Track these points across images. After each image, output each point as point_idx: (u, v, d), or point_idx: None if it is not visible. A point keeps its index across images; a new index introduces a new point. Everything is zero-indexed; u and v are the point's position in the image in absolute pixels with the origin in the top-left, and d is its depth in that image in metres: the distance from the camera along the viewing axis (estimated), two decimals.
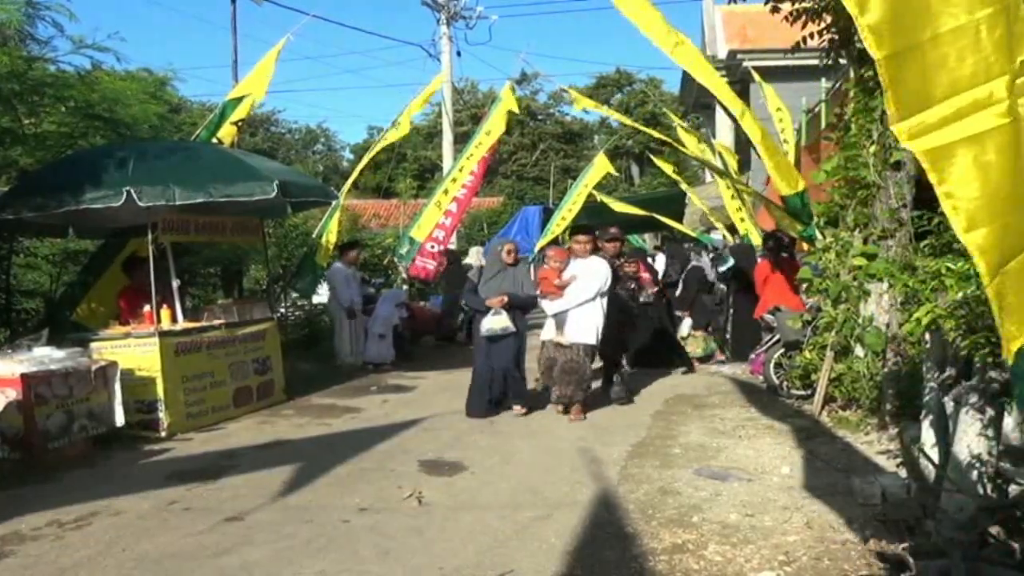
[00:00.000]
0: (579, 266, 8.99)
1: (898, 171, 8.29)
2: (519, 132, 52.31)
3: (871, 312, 8.38)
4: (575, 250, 9.12)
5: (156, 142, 10.62)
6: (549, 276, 9.00)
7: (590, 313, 8.87)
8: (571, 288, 8.88)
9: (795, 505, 5.84)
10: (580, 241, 9.12)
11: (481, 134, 13.63)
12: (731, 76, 22.75)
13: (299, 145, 57.58)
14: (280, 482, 6.70)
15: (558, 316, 8.93)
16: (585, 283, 8.87)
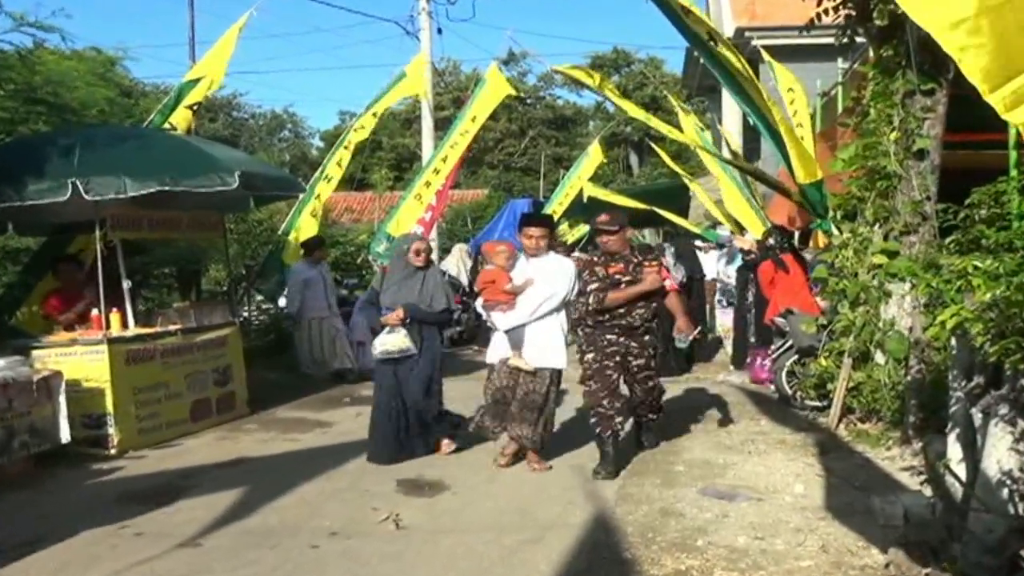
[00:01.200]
0: (535, 267, 7.57)
1: (921, 160, 8.33)
2: (506, 118, 52.30)
3: (892, 315, 8.41)
4: (525, 246, 7.63)
5: (105, 129, 10.58)
6: (496, 280, 7.59)
7: (554, 329, 7.56)
8: (526, 296, 7.50)
9: (809, 527, 5.85)
10: (531, 235, 7.56)
11: (466, 120, 13.63)
12: None
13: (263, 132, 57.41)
14: (242, 504, 6.69)
15: (512, 333, 7.54)
16: (545, 289, 7.47)
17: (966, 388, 5.63)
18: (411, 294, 7.92)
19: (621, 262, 7.52)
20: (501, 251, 7.74)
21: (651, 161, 48.67)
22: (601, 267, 7.54)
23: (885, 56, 8.48)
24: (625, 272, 7.49)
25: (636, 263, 7.52)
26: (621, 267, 7.49)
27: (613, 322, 7.44)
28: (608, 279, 7.47)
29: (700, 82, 28.20)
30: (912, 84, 8.24)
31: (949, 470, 5.65)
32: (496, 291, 7.60)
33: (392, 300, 7.91)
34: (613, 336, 7.48)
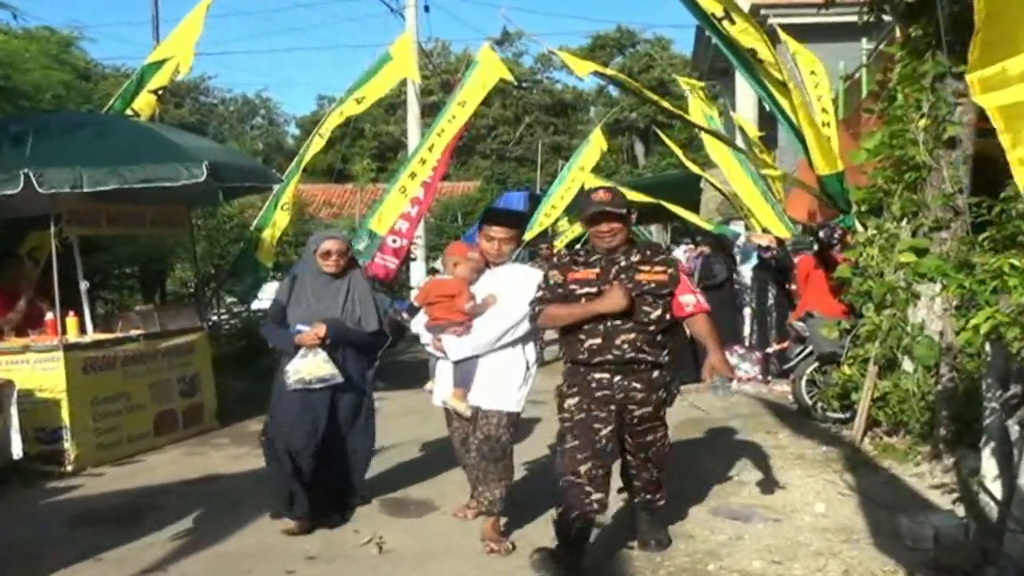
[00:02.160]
0: (501, 279, 6.21)
1: (953, 149, 8.35)
2: (500, 103, 52.30)
3: (921, 318, 8.43)
4: (485, 249, 6.27)
5: (60, 115, 10.57)
6: (457, 296, 6.31)
7: (514, 362, 6.24)
8: (488, 318, 6.19)
9: (831, 550, 5.87)
10: (494, 236, 6.20)
11: (454, 105, 13.62)
12: None
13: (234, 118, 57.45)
14: (212, 526, 6.68)
15: (463, 364, 6.26)
16: (513, 309, 6.09)
17: (1002, 398, 5.64)
18: (331, 307, 6.61)
19: (599, 266, 5.54)
20: (470, 259, 6.39)
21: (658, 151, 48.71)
22: (561, 270, 5.64)
23: (913, 36, 8.50)
24: (600, 279, 5.47)
25: (626, 267, 5.51)
26: (594, 273, 5.52)
27: (598, 356, 5.47)
28: (562, 288, 5.56)
29: (711, 64, 28.23)
30: (943, 66, 8.25)
31: (983, 487, 5.66)
32: (451, 309, 6.30)
33: (305, 315, 6.56)
34: (604, 375, 5.51)
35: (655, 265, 5.53)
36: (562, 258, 5.91)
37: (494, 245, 6.21)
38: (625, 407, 5.54)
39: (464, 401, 6.25)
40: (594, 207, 5.46)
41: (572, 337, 5.54)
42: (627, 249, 5.56)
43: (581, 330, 5.45)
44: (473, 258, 6.41)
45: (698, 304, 5.56)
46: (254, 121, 60.19)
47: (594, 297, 5.43)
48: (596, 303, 5.39)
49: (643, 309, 5.41)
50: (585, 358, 5.50)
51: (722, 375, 5.64)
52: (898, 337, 8.46)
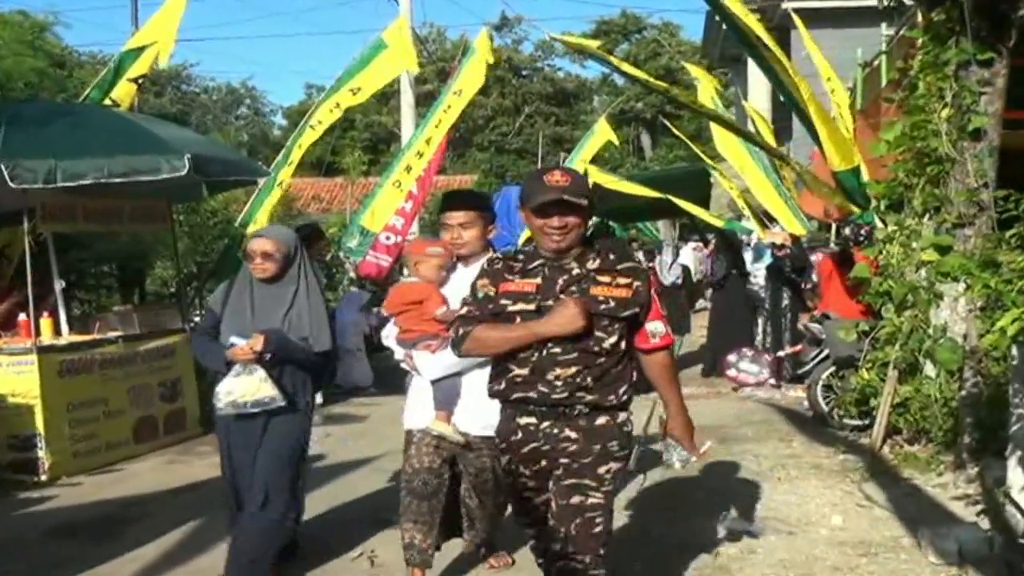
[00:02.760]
0: (473, 275, 4.72)
1: (977, 141, 8.34)
2: (498, 92, 52.37)
3: (944, 320, 8.43)
4: (446, 241, 5.53)
5: (34, 105, 10.58)
6: (425, 301, 5.48)
7: None
8: None
9: (849, 565, 5.87)
10: (450, 222, 5.44)
11: (450, 94, 13.62)
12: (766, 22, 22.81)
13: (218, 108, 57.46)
14: (195, 538, 6.69)
15: (442, 384, 5.46)
16: None
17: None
18: (270, 319, 5.76)
19: (540, 274, 4.23)
20: (433, 255, 5.52)
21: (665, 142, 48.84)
22: (492, 279, 4.32)
23: (936, 21, 8.49)
24: (541, 293, 4.19)
25: (579, 277, 4.20)
26: (533, 285, 4.23)
27: (520, 392, 4.21)
28: (493, 303, 4.26)
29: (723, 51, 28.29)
30: (967, 53, 8.25)
31: (1010, 499, 5.67)
32: (422, 318, 5.51)
33: (240, 327, 5.75)
34: (530, 420, 4.24)
35: (617, 275, 4.19)
36: (494, 263, 4.35)
37: (453, 233, 5.43)
38: (555, 462, 4.21)
39: (450, 423, 5.42)
40: (546, 193, 4.06)
41: (501, 367, 4.24)
42: (581, 252, 4.20)
43: (514, 358, 4.15)
44: (435, 254, 5.52)
45: (666, 336, 4.32)
46: (239, 111, 60.21)
47: (531, 316, 4.11)
48: (543, 323, 4.06)
49: (595, 334, 4.09)
50: (505, 393, 4.23)
51: (682, 449, 4.56)
52: (919, 340, 8.46)
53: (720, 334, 14.05)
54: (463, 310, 4.32)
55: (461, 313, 4.32)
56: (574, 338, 4.04)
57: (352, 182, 23.99)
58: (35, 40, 12.40)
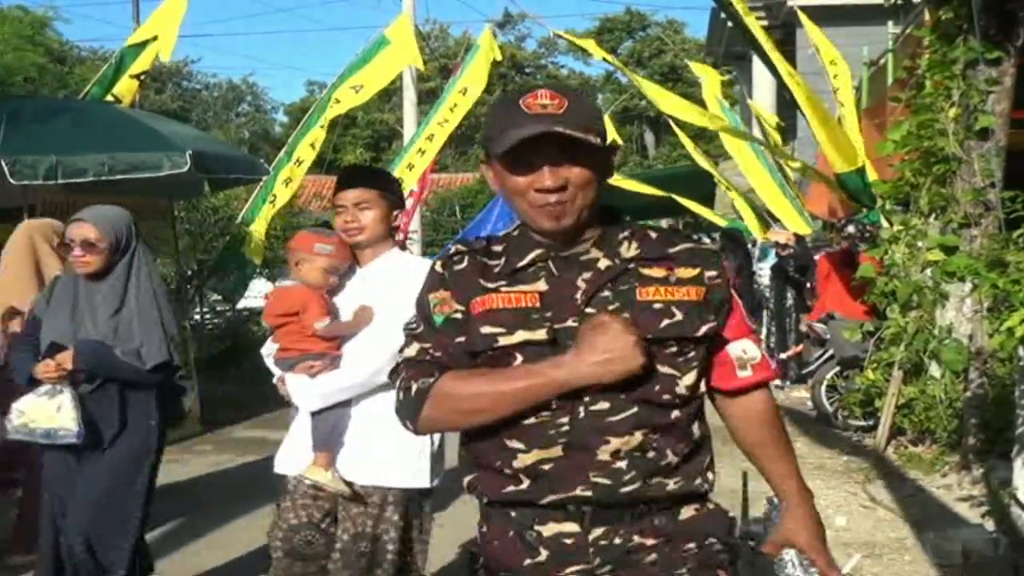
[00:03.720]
0: (374, 282, 4.25)
1: (985, 140, 8.35)
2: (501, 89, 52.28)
3: (950, 321, 8.43)
4: (341, 230, 4.24)
5: (34, 100, 10.62)
6: (303, 311, 4.27)
7: None
8: (360, 343, 4.22)
9: (853, 566, 5.87)
10: (344, 203, 4.18)
11: (455, 92, 13.63)
12: (772, 19, 22.85)
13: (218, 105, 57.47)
14: (193, 539, 6.69)
15: (323, 418, 4.25)
16: (392, 325, 3.51)
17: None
18: (93, 323, 4.74)
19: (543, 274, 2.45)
20: (320, 253, 4.25)
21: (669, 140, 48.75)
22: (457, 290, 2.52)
23: (944, 19, 8.50)
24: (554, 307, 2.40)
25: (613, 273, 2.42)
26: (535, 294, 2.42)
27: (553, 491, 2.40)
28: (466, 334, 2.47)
29: (727, 49, 28.27)
30: (975, 52, 8.25)
31: (1015, 500, 5.67)
32: (302, 334, 4.29)
33: (59, 335, 4.76)
34: (570, 527, 2.44)
35: (675, 264, 2.46)
36: (455, 260, 2.57)
37: (347, 215, 4.14)
38: None
39: (331, 471, 4.16)
40: (524, 126, 2.32)
41: (488, 445, 2.46)
42: (603, 233, 2.49)
43: (511, 429, 2.40)
44: (322, 252, 4.25)
45: (763, 365, 2.59)
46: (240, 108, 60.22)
47: (541, 353, 2.36)
48: (569, 362, 2.31)
49: (660, 371, 2.41)
50: (524, 492, 2.44)
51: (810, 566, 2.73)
52: (925, 340, 8.46)
53: None
54: (409, 350, 2.55)
55: (407, 355, 2.54)
56: (626, 383, 2.32)
57: None
58: (35, 35, 12.44)
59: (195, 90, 55.56)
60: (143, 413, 4.78)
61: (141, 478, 4.82)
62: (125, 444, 4.72)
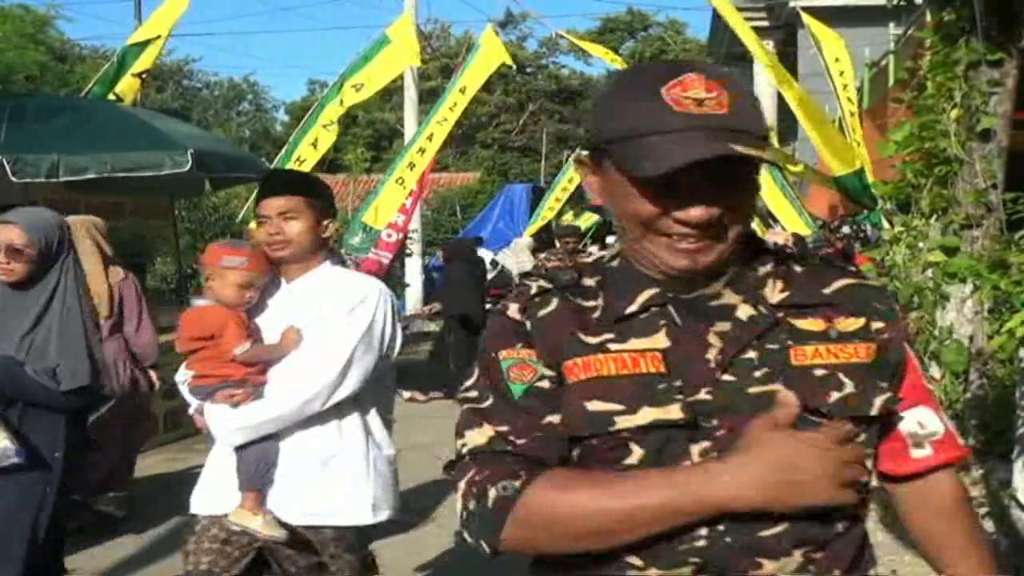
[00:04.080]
0: (302, 300, 3.82)
1: (987, 142, 8.34)
2: (502, 89, 52.32)
3: (950, 322, 8.43)
4: (263, 243, 3.80)
5: (36, 98, 10.63)
6: (218, 334, 3.76)
7: (348, 441, 3.82)
8: (284, 370, 3.74)
9: None
10: (266, 213, 3.76)
11: (455, 91, 13.63)
12: (774, 20, 22.86)
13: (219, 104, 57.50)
14: None
15: (248, 453, 3.74)
16: (323, 350, 3.67)
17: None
18: (8, 338, 4.37)
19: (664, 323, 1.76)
20: (230, 266, 3.75)
21: None
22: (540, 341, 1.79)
23: (946, 20, 8.49)
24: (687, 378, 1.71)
25: (764, 327, 1.75)
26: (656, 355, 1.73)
27: None
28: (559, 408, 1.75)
29: (728, 50, 28.22)
30: (977, 53, 8.25)
31: (1016, 501, 5.67)
32: (219, 359, 3.75)
33: None
34: None
35: (836, 312, 1.82)
36: (537, 300, 1.83)
37: (271, 227, 3.69)
38: None
39: (261, 514, 3.64)
40: (677, 129, 1.65)
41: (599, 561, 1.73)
42: (742, 269, 1.83)
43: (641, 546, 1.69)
44: (232, 265, 3.74)
45: (948, 440, 1.97)
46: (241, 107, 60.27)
47: (675, 440, 1.70)
48: (724, 476, 1.62)
49: None
50: None
51: None
52: (925, 341, 8.46)
53: None
54: (475, 435, 1.83)
55: (473, 444, 1.83)
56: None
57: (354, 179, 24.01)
58: (37, 34, 12.42)
59: (196, 89, 55.63)
60: (47, 443, 4.30)
61: (27, 515, 4.28)
62: (16, 477, 4.18)
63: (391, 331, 3.84)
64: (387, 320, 3.81)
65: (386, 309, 3.81)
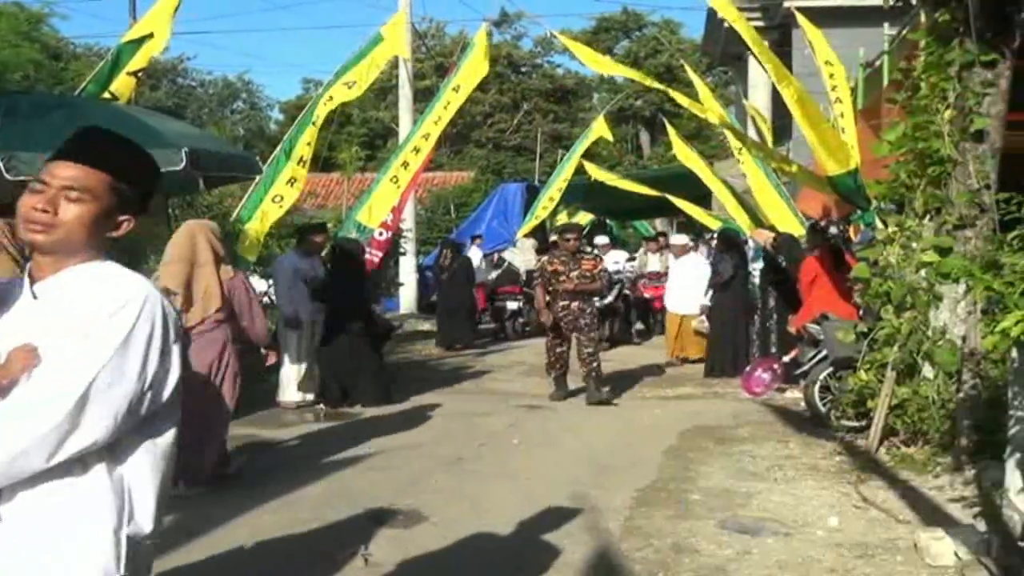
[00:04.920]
0: (44, 304, 2.64)
1: (980, 142, 8.36)
2: (497, 89, 52.32)
3: (943, 322, 8.45)
4: (24, 222, 2.69)
5: (30, 96, 10.61)
6: None
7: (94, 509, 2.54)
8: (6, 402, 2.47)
9: (844, 567, 5.88)
10: (50, 181, 2.65)
11: (448, 91, 13.65)
12: (768, 20, 22.88)
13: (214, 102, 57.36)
14: (185, 536, 6.68)
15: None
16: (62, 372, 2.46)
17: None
18: None
19: None
20: None
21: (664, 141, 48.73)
22: None
23: (940, 21, 8.51)
24: None
25: None
26: None
27: None
28: None
29: (723, 49, 28.25)
30: (971, 54, 8.27)
31: (1008, 501, 5.68)
32: None
33: None
34: None
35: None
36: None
37: (40, 203, 2.67)
38: None
39: None
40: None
41: None
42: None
43: None
44: None
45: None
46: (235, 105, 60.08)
47: None
48: None
49: None
50: None
51: None
52: (918, 341, 8.48)
53: (724, 336, 13.97)
54: None
55: None
56: None
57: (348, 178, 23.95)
58: (31, 31, 12.40)
59: (190, 87, 55.49)
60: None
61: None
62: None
63: (159, 355, 2.62)
64: (154, 338, 2.60)
65: (153, 322, 2.62)
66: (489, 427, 10.40)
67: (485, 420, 10.79)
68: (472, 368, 15.13)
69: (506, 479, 8.20)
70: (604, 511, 7.15)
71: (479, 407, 11.64)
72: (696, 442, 9.48)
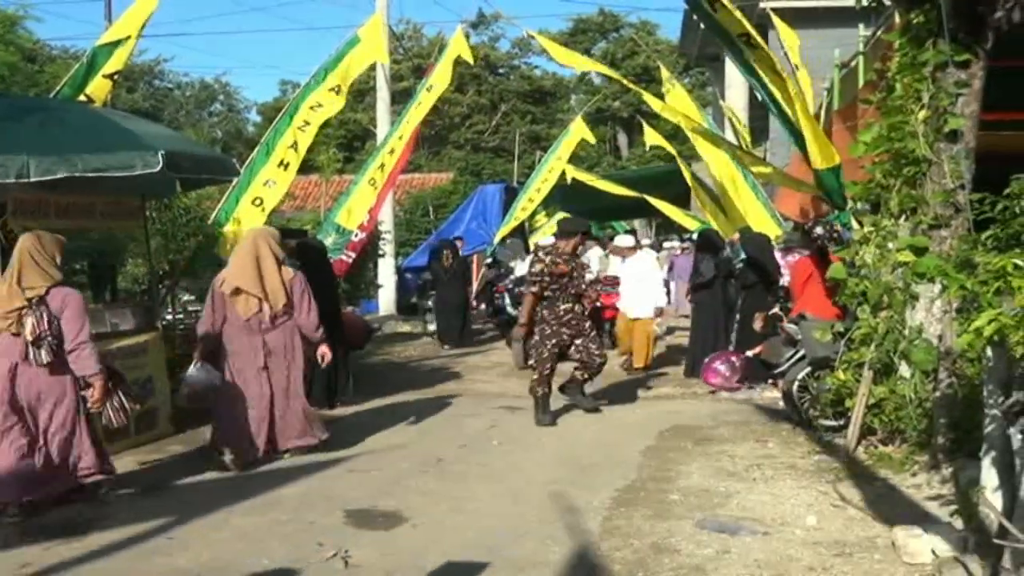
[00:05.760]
0: None
1: (954, 143, 8.40)
2: (475, 90, 52.36)
3: (919, 321, 8.48)
4: None
5: (6, 99, 10.53)
6: None
7: None
8: None
9: (823, 565, 5.90)
10: None
11: (422, 91, 13.65)
12: None
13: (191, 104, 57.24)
14: (166, 538, 6.66)
15: None
16: None
17: (1003, 405, 5.68)
18: None
19: None
20: None
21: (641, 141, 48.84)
22: None
23: (914, 22, 8.55)
24: None
25: None
26: None
27: None
28: None
29: (700, 50, 28.38)
30: (945, 55, 8.31)
31: (983, 499, 5.71)
32: None
33: None
34: None
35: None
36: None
37: None
38: None
39: None
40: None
41: None
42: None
43: None
44: None
45: None
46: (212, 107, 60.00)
47: None
48: None
49: None
50: None
51: None
52: (895, 340, 8.51)
53: (704, 336, 13.97)
54: None
55: None
56: None
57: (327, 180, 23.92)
58: (6, 34, 12.32)
59: (167, 89, 55.37)
60: None
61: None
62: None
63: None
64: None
65: None
66: (470, 428, 10.40)
67: (466, 421, 10.79)
68: (453, 369, 15.12)
69: (487, 480, 8.19)
70: (584, 511, 7.16)
71: (460, 408, 11.64)
72: (675, 442, 9.49)
